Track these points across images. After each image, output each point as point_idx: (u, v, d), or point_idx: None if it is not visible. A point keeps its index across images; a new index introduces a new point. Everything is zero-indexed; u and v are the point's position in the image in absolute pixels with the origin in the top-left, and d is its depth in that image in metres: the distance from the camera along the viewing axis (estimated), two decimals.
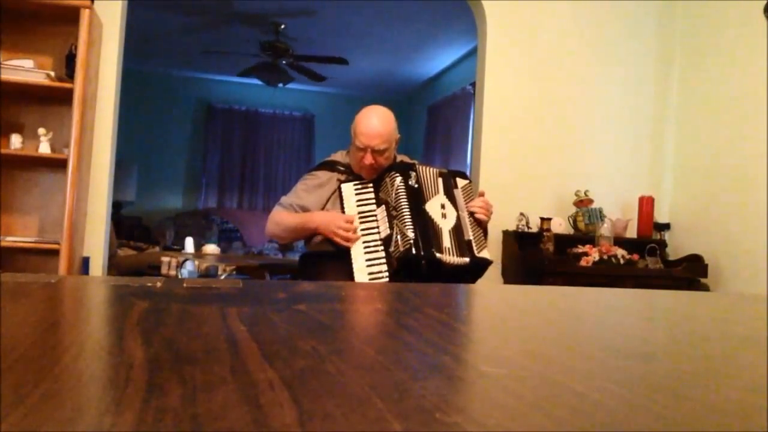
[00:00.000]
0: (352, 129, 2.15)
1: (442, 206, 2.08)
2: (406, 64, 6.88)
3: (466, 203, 2.14)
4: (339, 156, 2.28)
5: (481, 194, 2.20)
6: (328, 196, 2.16)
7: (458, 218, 2.08)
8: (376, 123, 2.11)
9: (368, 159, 2.09)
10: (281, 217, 2.17)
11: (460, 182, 2.17)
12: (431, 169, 2.14)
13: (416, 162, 2.23)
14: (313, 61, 5.94)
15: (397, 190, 2.03)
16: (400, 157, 2.28)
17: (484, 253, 2.09)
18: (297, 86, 7.41)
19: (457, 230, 2.06)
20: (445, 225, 2.05)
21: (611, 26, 3.78)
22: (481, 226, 2.14)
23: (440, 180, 2.12)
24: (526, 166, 3.63)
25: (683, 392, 0.43)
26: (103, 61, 3.13)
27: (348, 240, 2.02)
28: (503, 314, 0.90)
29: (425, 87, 7.63)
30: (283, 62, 5.98)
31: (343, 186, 2.10)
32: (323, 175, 2.21)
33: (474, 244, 2.07)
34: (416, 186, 2.05)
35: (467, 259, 2.02)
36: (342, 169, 2.20)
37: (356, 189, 2.10)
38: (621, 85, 3.80)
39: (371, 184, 2.11)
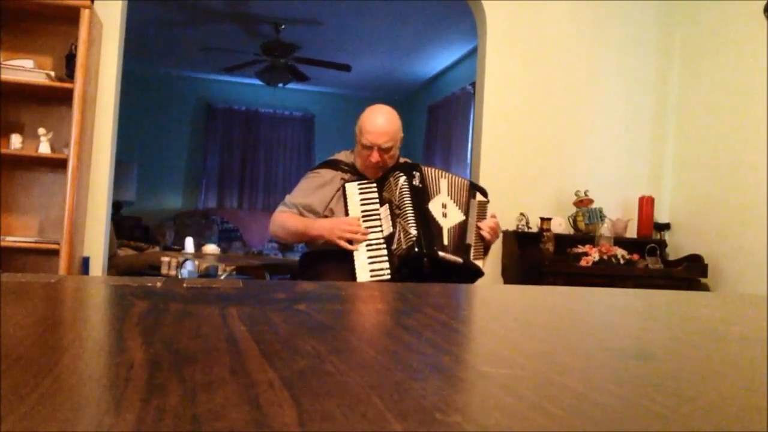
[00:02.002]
0: (358, 128, 2.15)
1: (444, 206, 2.09)
2: (406, 64, 6.88)
3: (478, 219, 2.18)
4: (343, 156, 2.28)
5: (494, 216, 2.22)
6: (332, 194, 2.17)
7: (466, 223, 2.11)
8: (382, 121, 2.12)
9: (375, 157, 2.10)
10: (284, 220, 2.17)
11: (479, 197, 2.22)
12: (438, 171, 2.16)
13: (419, 164, 2.24)
14: (315, 65, 5.94)
15: (401, 189, 2.04)
16: (403, 159, 2.29)
17: (479, 263, 2.14)
18: (297, 86, 7.41)
19: (461, 232, 2.09)
20: (446, 224, 2.07)
21: (611, 26, 3.78)
22: (484, 242, 2.18)
23: (445, 181, 2.14)
24: (526, 166, 3.62)
25: (683, 392, 0.43)
26: (103, 61, 3.13)
27: (353, 242, 2.02)
28: (503, 314, 0.90)
29: (425, 87, 7.63)
30: (282, 62, 5.98)
31: (347, 185, 2.11)
32: (327, 174, 2.21)
33: (472, 250, 2.10)
34: (420, 185, 2.07)
35: (461, 260, 2.04)
36: (346, 168, 2.21)
37: (360, 188, 2.11)
38: (621, 85, 3.79)
39: (375, 184, 2.12)
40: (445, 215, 2.09)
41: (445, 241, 2.04)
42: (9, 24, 2.99)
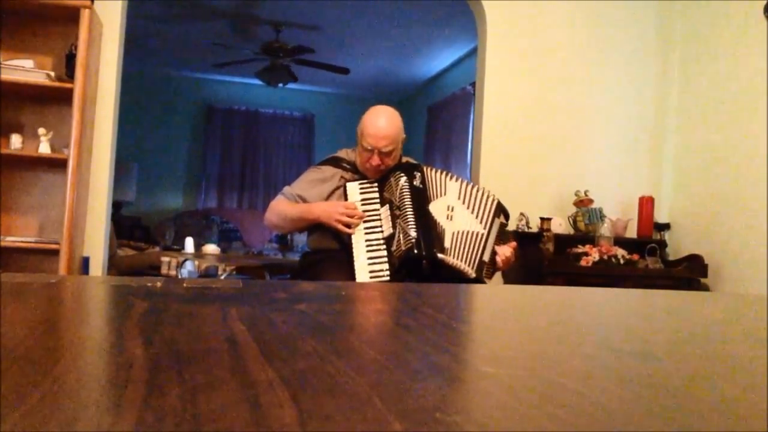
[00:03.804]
0: (359, 130, 2.15)
1: (450, 208, 2.08)
2: (406, 64, 6.88)
3: (497, 241, 2.17)
4: (344, 154, 2.29)
5: (514, 246, 2.21)
6: (330, 191, 2.17)
7: (485, 239, 2.09)
8: (383, 124, 2.12)
9: (375, 160, 2.10)
10: (282, 207, 2.18)
11: (502, 217, 2.22)
12: (444, 173, 2.15)
13: (421, 164, 2.24)
14: (314, 66, 5.94)
15: (401, 189, 2.04)
16: (405, 159, 2.29)
17: (487, 281, 2.16)
18: (297, 86, 7.41)
19: (477, 245, 2.07)
20: (450, 226, 2.05)
21: (611, 26, 3.78)
22: (494, 266, 2.19)
23: (455, 185, 2.13)
24: (526, 166, 3.62)
25: (683, 392, 0.43)
26: (103, 61, 3.13)
27: (349, 225, 2.02)
28: (503, 314, 0.90)
29: (425, 87, 7.63)
30: (282, 63, 5.98)
31: (349, 185, 2.12)
32: (328, 171, 2.22)
33: (485, 268, 2.11)
34: (420, 186, 2.06)
35: (474, 275, 2.04)
36: (347, 166, 2.21)
37: (361, 188, 2.11)
38: (621, 85, 3.79)
39: (376, 184, 2.12)
40: (450, 218, 2.07)
41: (447, 244, 2.03)
42: (9, 24, 2.99)
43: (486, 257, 2.10)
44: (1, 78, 2.79)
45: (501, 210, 2.20)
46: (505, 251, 2.17)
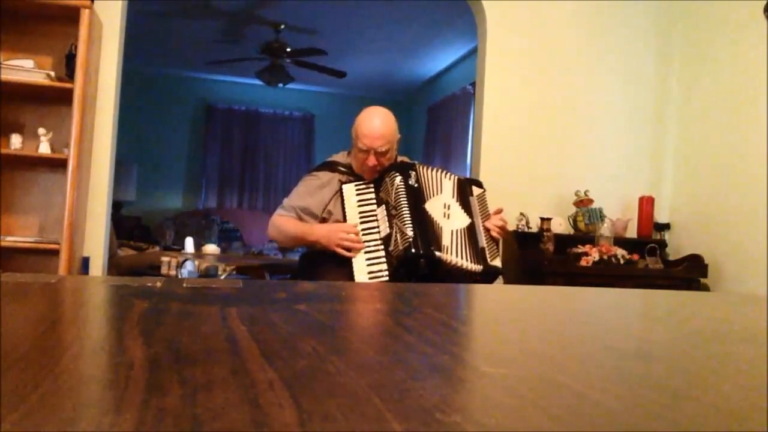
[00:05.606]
0: (354, 131, 2.15)
1: (446, 206, 2.09)
2: (406, 64, 6.88)
3: (482, 215, 2.16)
4: (340, 157, 2.28)
5: (499, 211, 2.21)
6: (330, 196, 2.17)
7: (473, 225, 2.11)
8: (378, 124, 2.12)
9: (371, 161, 2.10)
10: (283, 223, 2.18)
11: (476, 190, 2.21)
12: (439, 171, 2.15)
13: (416, 162, 2.24)
14: (313, 69, 5.94)
15: (396, 189, 2.04)
16: (400, 158, 2.29)
17: (496, 262, 2.14)
18: (297, 86, 7.41)
19: (472, 236, 2.08)
20: (447, 225, 2.06)
21: (611, 26, 3.78)
22: (495, 239, 2.18)
23: (449, 182, 2.13)
24: (526, 166, 3.62)
25: (683, 392, 0.43)
26: (103, 61, 3.13)
27: (350, 250, 2.03)
28: (503, 314, 0.90)
29: (425, 87, 7.63)
30: (288, 61, 5.98)
31: (345, 187, 2.12)
32: (324, 176, 2.21)
33: (487, 252, 2.09)
34: (416, 185, 2.06)
35: (480, 267, 2.04)
36: (343, 169, 2.21)
37: (357, 189, 2.11)
38: (621, 85, 3.79)
39: (372, 185, 2.12)
40: (447, 216, 2.08)
41: (446, 242, 2.03)
42: (9, 24, 2.98)
43: (482, 242, 2.10)
44: (1, 78, 2.78)
45: (469, 184, 2.20)
46: (496, 222, 2.16)
